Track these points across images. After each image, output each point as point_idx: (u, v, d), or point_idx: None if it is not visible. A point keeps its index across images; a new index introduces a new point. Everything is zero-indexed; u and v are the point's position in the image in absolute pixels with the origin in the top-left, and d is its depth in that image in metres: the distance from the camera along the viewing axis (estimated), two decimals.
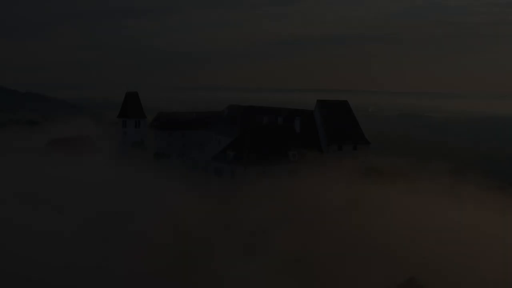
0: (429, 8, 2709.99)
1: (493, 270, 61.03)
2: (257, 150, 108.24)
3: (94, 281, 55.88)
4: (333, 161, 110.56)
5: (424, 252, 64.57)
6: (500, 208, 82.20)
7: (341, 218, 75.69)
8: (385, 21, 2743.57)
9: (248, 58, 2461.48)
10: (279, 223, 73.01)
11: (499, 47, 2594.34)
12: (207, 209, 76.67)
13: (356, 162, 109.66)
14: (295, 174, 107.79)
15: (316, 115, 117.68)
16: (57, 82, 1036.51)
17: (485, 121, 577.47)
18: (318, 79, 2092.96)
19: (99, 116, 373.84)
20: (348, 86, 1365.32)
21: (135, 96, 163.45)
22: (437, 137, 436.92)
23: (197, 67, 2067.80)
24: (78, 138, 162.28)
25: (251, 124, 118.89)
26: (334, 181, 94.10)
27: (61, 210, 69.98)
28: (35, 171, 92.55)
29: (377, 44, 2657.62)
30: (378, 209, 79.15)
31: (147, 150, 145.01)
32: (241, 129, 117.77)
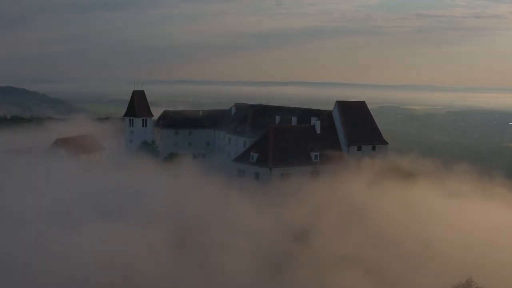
0: (409, 1, 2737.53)
1: None
2: (280, 151, 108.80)
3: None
4: (355, 162, 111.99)
5: (479, 254, 66.22)
6: None
7: (390, 221, 77.11)
8: (366, 14, 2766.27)
9: (228, 50, 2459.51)
10: (339, 227, 74.26)
11: (479, 40, 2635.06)
12: (269, 216, 77.47)
13: (378, 162, 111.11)
14: (319, 175, 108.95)
15: (335, 116, 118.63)
16: (35, 76, 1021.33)
17: (466, 114, 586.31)
18: (298, 72, 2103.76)
19: (90, 113, 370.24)
20: (329, 79, 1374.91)
21: (142, 94, 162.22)
22: (422, 131, 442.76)
23: (177, 61, 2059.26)
24: (83, 138, 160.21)
25: (271, 125, 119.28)
26: (365, 182, 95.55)
27: (145, 223, 69.51)
28: (71, 178, 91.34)
29: (357, 37, 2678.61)
30: (424, 211, 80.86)
31: (158, 150, 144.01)
32: (264, 130, 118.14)
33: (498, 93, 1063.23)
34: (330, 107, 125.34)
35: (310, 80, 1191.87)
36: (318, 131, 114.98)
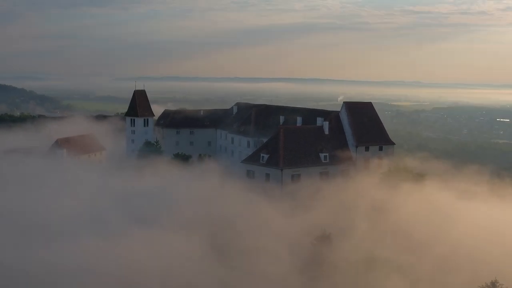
0: None
1: None
2: (290, 152, 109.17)
3: None
4: (363, 162, 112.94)
5: (504, 255, 67.22)
6: None
7: (411, 222, 78.08)
8: (352, 10, 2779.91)
9: (214, 47, 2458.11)
10: (363, 228, 75.10)
11: (465, 36, 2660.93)
12: (293, 218, 78.10)
13: (386, 162, 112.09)
14: (328, 176, 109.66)
15: (343, 116, 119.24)
16: (22, 72, 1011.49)
17: (453, 110, 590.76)
18: (286, 68, 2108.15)
19: (83, 110, 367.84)
20: (316, 75, 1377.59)
21: (143, 94, 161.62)
22: (410, 127, 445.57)
23: (163, 57, 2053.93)
24: (83, 138, 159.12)
25: (281, 126, 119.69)
26: (379, 183, 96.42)
27: (180, 228, 69.21)
28: (93, 182, 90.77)
29: (343, 33, 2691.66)
30: (441, 211, 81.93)
31: (162, 150, 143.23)
32: (269, 130, 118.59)
33: (485, 89, 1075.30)
34: (320, 103, 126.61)
35: (297, 77, 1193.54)
36: (327, 132, 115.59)
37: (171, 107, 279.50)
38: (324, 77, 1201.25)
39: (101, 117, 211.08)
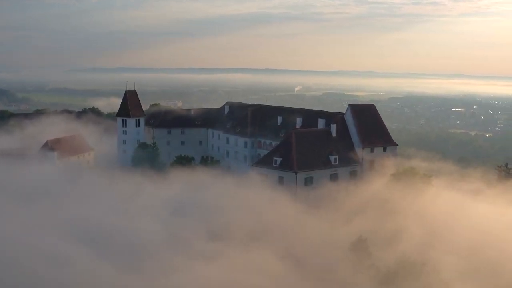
0: None
1: None
2: (302, 155, 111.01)
3: None
4: (371, 163, 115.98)
5: None
6: None
7: (441, 223, 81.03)
8: (306, 1, 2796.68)
9: (168, 37, 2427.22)
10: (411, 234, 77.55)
11: (417, 26, 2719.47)
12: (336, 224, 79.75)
13: (392, 163, 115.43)
14: (338, 178, 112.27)
15: (348, 119, 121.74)
16: None
17: (409, 100, 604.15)
18: (242, 58, 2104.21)
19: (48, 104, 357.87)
20: (273, 65, 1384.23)
21: (134, 94, 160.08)
22: None
23: (117, 47, 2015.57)
24: (72, 138, 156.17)
25: (293, 129, 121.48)
26: (394, 185, 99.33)
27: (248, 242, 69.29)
28: (139, 193, 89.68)
29: (297, 23, 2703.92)
30: (466, 214, 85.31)
31: (159, 152, 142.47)
32: (285, 133, 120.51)
33: (439, 79, 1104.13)
34: (277, 94, 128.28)
35: (253, 67, 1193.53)
36: (334, 134, 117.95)
37: None
38: (280, 68, 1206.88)
39: (79, 113, 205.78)
